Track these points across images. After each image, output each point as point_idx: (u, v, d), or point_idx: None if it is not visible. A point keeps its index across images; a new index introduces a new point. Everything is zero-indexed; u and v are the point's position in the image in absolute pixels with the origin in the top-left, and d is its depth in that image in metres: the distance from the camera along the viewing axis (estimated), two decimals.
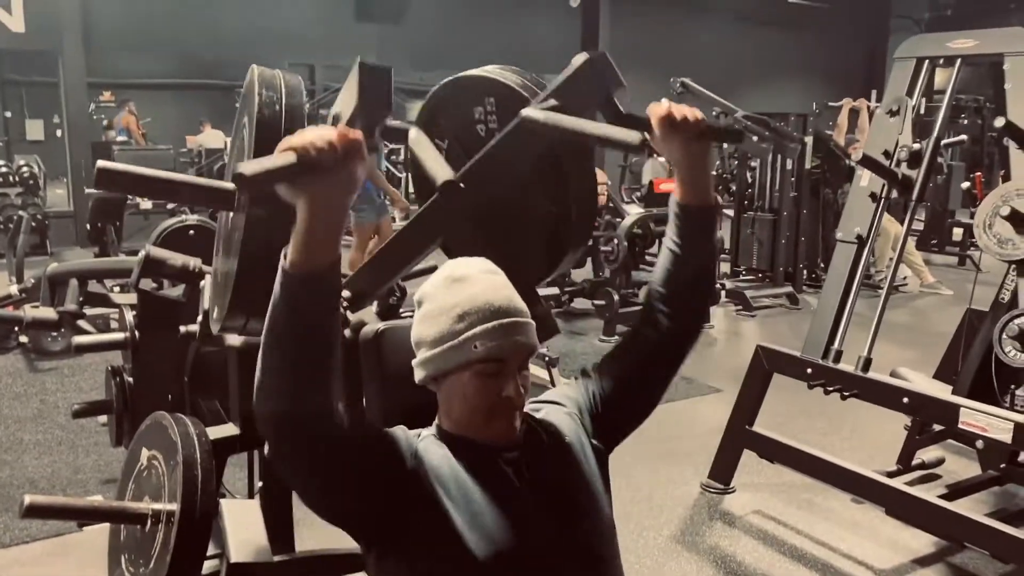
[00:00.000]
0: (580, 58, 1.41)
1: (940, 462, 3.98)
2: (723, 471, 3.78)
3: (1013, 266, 3.43)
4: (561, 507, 1.34)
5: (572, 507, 1.35)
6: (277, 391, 1.15)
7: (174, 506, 1.78)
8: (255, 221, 1.39)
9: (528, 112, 1.39)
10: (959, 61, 3.23)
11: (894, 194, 3.34)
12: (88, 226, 7.28)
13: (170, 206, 8.15)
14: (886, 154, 3.29)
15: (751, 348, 3.74)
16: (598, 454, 1.44)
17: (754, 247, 8.01)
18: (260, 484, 2.22)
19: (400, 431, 1.35)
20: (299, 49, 12.14)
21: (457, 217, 1.60)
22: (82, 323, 3.66)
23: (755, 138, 7.25)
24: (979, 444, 3.70)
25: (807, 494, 3.78)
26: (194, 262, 2.33)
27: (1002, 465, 3.61)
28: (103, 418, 3.22)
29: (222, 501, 1.79)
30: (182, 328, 2.36)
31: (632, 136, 1.28)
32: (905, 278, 8.40)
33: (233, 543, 1.65)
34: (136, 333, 2.32)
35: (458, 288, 1.32)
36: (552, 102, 1.41)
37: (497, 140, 1.51)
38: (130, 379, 2.45)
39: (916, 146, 3.23)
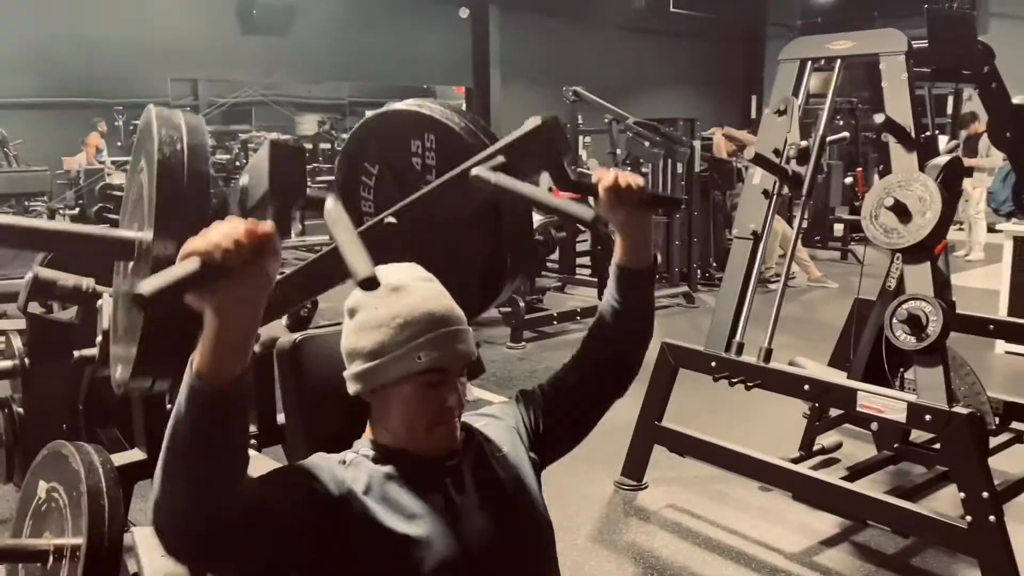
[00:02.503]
0: (533, 121, 1.42)
1: (838, 446, 4.15)
2: (635, 468, 3.84)
3: (897, 254, 3.64)
4: (501, 515, 1.33)
5: (511, 514, 1.35)
6: (179, 508, 1.04)
7: (79, 540, 1.68)
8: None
9: (479, 172, 1.38)
10: (839, 61, 3.39)
11: (785, 191, 3.47)
12: None
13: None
14: (776, 152, 3.41)
15: (654, 346, 3.82)
16: (534, 465, 1.45)
17: None
18: None
19: (319, 461, 1.29)
20: (182, 64, 11.76)
21: (389, 248, 1.58)
22: None
23: (646, 143, 7.42)
24: (874, 426, 3.87)
25: (717, 485, 3.88)
26: (87, 282, 2.21)
27: (895, 445, 3.79)
28: None
29: (134, 529, 1.69)
30: (76, 353, 2.23)
31: (586, 212, 1.31)
32: (793, 274, 8.75)
33: (149, 573, 1.57)
34: (26, 360, 2.18)
35: (396, 297, 1.30)
36: (499, 159, 1.41)
37: (438, 185, 1.50)
38: (20, 410, 2.30)
39: (804, 144, 3.37)
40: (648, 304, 1.52)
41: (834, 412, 4.10)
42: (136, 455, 1.89)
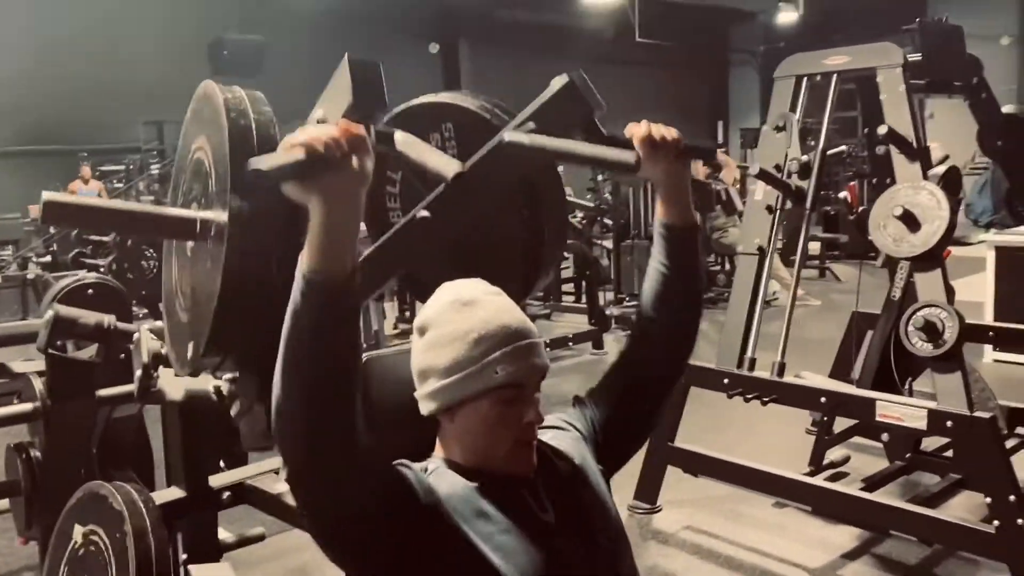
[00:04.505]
0: (559, 80, 1.39)
1: (847, 460, 4.14)
2: (648, 490, 3.80)
3: (902, 265, 3.68)
4: (581, 530, 1.30)
5: (590, 529, 1.32)
6: (298, 415, 1.08)
7: None
8: (234, 252, 1.27)
9: (511, 136, 1.35)
10: (835, 76, 3.44)
11: (788, 205, 3.50)
12: None
13: (31, 275, 7.56)
14: (777, 168, 3.44)
15: None
16: (604, 476, 1.42)
17: (634, 273, 8.23)
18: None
19: (403, 467, 1.26)
20: (152, 106, 11.67)
21: (424, 245, 1.55)
22: None
23: None
24: (884, 437, 3.89)
25: (730, 504, 3.85)
26: (108, 319, 2.15)
27: (907, 454, 3.80)
28: None
29: (192, 567, 1.63)
30: (100, 392, 2.17)
31: (628, 156, 1.27)
32: (775, 292, 8.81)
33: None
34: (47, 402, 2.10)
35: (469, 312, 1.27)
36: (530, 125, 1.38)
37: (472, 164, 1.46)
38: (37, 454, 2.22)
39: (805, 158, 3.40)
40: (698, 263, 1.48)
41: (839, 427, 4.11)
42: (175, 493, 1.83)
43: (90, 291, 2.57)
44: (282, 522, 3.21)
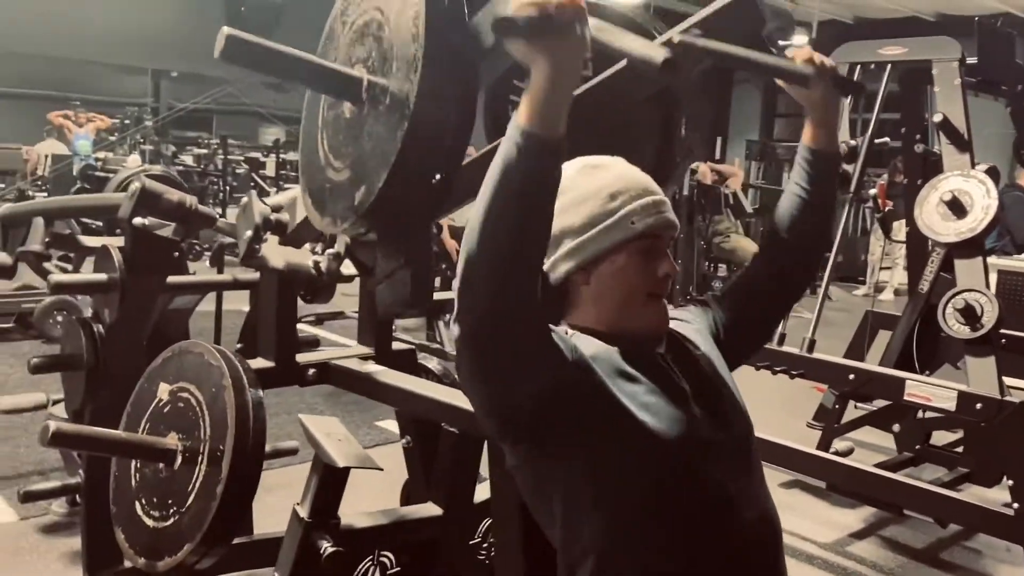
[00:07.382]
0: None
1: (850, 451, 4.21)
2: None
3: (932, 257, 3.76)
4: (715, 405, 1.32)
5: (723, 407, 1.34)
6: (491, 264, 1.09)
7: (221, 439, 1.61)
8: (418, 122, 1.27)
9: (684, 38, 1.36)
10: (889, 66, 3.51)
11: None
12: None
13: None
14: None
15: None
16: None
17: None
18: None
19: (551, 328, 1.26)
20: (158, 57, 11.57)
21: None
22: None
23: None
24: (896, 428, 3.98)
25: None
26: (191, 199, 2.14)
27: (917, 446, 3.87)
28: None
29: (302, 416, 1.63)
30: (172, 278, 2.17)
31: (807, 69, 1.29)
32: None
33: (332, 450, 1.51)
34: (124, 273, 2.08)
35: (599, 173, 1.31)
36: (696, 32, 1.38)
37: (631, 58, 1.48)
38: (100, 329, 2.20)
39: (853, 142, 3.46)
40: (835, 190, 1.52)
41: (847, 418, 4.18)
42: (262, 363, 1.83)
43: None
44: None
